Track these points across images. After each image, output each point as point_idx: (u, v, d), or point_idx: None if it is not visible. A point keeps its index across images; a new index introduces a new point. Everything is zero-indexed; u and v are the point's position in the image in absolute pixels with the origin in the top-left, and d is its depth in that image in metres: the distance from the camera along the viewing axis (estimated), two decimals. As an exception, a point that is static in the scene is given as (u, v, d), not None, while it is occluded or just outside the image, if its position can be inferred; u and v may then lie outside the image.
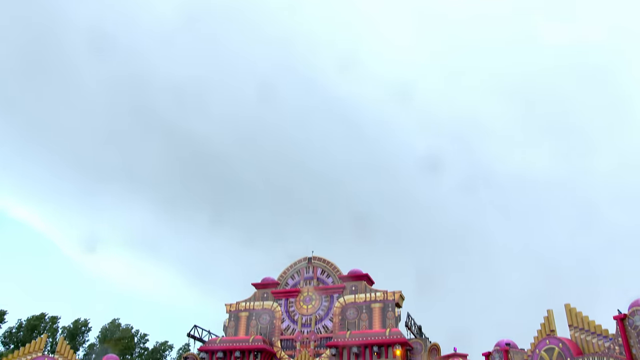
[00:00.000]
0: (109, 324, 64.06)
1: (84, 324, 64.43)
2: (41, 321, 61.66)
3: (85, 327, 64.22)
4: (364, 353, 35.57)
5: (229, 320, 41.45)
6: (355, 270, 40.34)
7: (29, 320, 61.48)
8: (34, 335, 58.59)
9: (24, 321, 61.66)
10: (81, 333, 63.47)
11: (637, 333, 23.68)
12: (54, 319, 63.08)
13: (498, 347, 30.67)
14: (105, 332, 62.91)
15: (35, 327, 58.71)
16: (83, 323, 64.63)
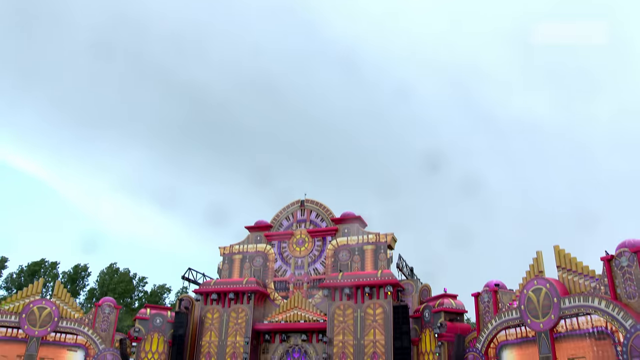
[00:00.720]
0: (107, 269, 64.93)
1: (83, 269, 65.35)
2: (41, 266, 62.48)
3: (84, 272, 65.15)
4: (356, 294, 35.97)
5: (223, 263, 41.79)
6: (348, 212, 40.31)
7: (29, 265, 62.33)
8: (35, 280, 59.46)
9: (25, 267, 62.51)
10: (81, 278, 64.46)
11: (623, 273, 23.81)
12: (53, 264, 63.95)
13: (487, 288, 31.03)
14: (104, 277, 63.83)
15: (36, 272, 59.59)
16: (83, 268, 65.54)
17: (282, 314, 38.03)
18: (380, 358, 33.83)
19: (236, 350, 37.09)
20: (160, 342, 37.94)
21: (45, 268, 62.47)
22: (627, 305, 23.14)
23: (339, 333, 35.47)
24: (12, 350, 36.28)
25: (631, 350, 21.86)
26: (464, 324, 32.12)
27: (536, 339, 26.53)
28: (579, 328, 25.32)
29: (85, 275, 65.10)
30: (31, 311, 36.91)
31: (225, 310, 38.63)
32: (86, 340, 37.65)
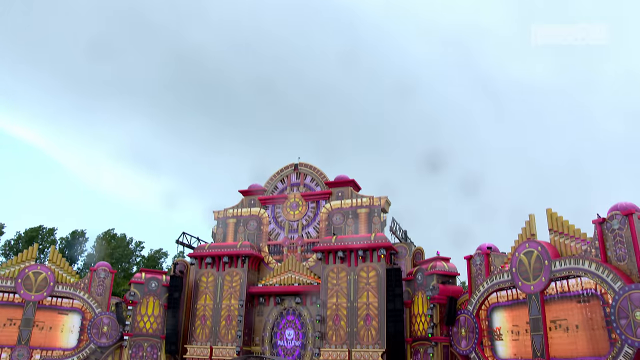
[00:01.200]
0: (104, 234, 65.10)
1: (80, 235, 65.41)
2: (38, 233, 62.51)
3: (82, 238, 65.27)
4: (349, 257, 36.11)
5: (217, 227, 41.86)
6: (342, 176, 40.13)
7: (27, 232, 62.34)
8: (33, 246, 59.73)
9: (22, 233, 62.56)
10: (79, 244, 64.65)
11: (614, 236, 23.79)
12: (51, 230, 63.95)
13: (479, 251, 31.10)
14: (101, 242, 64.06)
15: (33, 238, 59.55)
16: (80, 234, 65.59)
17: (276, 277, 38.28)
18: (374, 320, 34.20)
19: (231, 313, 37.47)
20: (156, 305, 38.30)
21: (43, 234, 62.55)
22: (617, 267, 23.20)
23: (332, 296, 35.76)
24: (9, 315, 36.62)
25: (619, 312, 22.00)
26: (456, 287, 32.36)
27: (527, 301, 26.73)
28: (569, 290, 25.45)
29: (82, 241, 65.30)
30: (27, 276, 37.10)
31: (219, 274, 38.87)
32: (82, 305, 37.97)
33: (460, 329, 30.11)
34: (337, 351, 34.22)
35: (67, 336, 37.50)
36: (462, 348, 29.75)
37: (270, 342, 37.63)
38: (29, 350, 35.97)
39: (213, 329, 37.48)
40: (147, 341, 37.42)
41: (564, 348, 25.06)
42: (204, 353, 36.94)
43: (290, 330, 37.53)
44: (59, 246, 63.86)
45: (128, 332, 36.99)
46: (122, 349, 37.01)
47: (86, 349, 36.88)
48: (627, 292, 21.95)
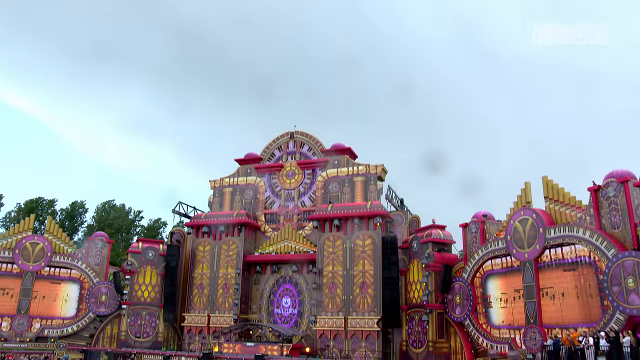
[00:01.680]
0: (104, 204, 65.05)
1: (80, 206, 65.32)
2: (38, 204, 62.41)
3: (82, 209, 65.19)
4: (345, 225, 36.05)
5: (213, 196, 41.74)
6: (338, 144, 39.74)
7: (27, 203, 62.24)
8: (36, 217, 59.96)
9: (22, 205, 62.45)
10: (78, 215, 64.60)
11: (609, 204, 23.59)
12: (50, 202, 63.84)
13: (475, 219, 30.97)
14: (101, 213, 64.04)
15: (33, 209, 59.48)
16: (80, 205, 65.50)
17: (272, 245, 38.35)
18: (369, 288, 34.34)
19: (228, 282, 37.68)
20: (154, 274, 38.53)
21: (43, 205, 62.48)
22: (611, 235, 23.05)
23: (328, 264, 35.85)
24: (8, 285, 36.91)
25: (611, 279, 21.94)
26: (451, 254, 32.33)
27: (521, 268, 26.71)
28: (563, 258, 25.40)
29: (82, 212, 65.25)
30: (24, 247, 37.23)
31: (216, 243, 38.93)
32: (80, 274, 38.21)
33: (455, 297, 30.21)
34: (333, 318, 34.47)
35: (66, 305, 37.90)
36: (457, 315, 29.90)
37: (267, 310, 37.93)
38: (28, 319, 36.34)
39: (210, 298, 37.75)
40: (146, 310, 37.78)
41: (556, 315, 25.14)
42: (201, 321, 37.29)
43: (286, 298, 37.79)
44: (59, 217, 63.91)
45: (126, 301, 37.32)
46: (120, 317, 37.41)
47: (85, 318, 37.28)
48: (620, 260, 21.85)
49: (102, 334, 37.38)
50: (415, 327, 32.28)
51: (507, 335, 27.49)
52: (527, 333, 25.50)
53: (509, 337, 27.26)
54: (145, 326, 37.49)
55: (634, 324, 21.20)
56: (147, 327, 37.49)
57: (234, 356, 32.71)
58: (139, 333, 37.13)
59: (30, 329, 36.20)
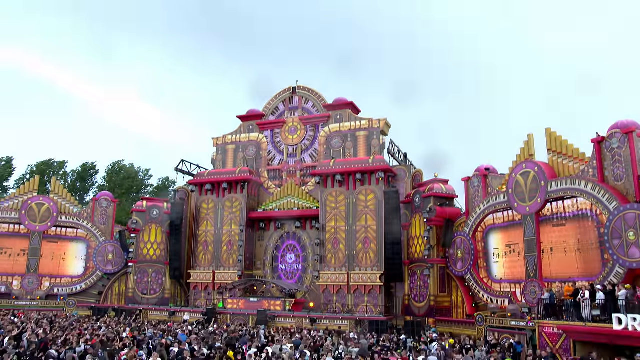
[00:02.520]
0: (113, 164, 65.20)
1: (91, 167, 65.51)
2: (49, 166, 62.68)
3: (92, 170, 65.41)
4: (348, 181, 35.70)
5: (216, 154, 41.49)
6: (340, 98, 38.94)
7: (38, 165, 62.56)
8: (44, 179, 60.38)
9: (34, 167, 62.77)
10: (89, 176, 64.87)
11: (612, 155, 22.86)
12: (61, 163, 64.04)
13: (477, 172, 30.39)
14: (111, 173, 64.25)
15: (44, 171, 59.83)
16: (90, 166, 65.68)
17: (275, 202, 38.26)
18: (372, 243, 34.26)
19: (232, 239, 37.85)
20: (159, 232, 38.81)
21: (53, 167, 62.78)
22: (613, 188, 22.41)
23: (331, 219, 35.72)
24: (17, 245, 37.50)
25: (612, 232, 21.44)
26: (453, 209, 31.93)
27: (522, 222, 26.27)
28: (564, 211, 24.90)
29: (93, 173, 65.51)
30: (30, 207, 37.60)
31: (219, 200, 38.94)
32: (87, 234, 38.66)
33: (457, 251, 29.98)
34: (336, 274, 34.60)
35: (74, 264, 38.56)
36: (458, 269, 29.76)
37: (271, 266, 38.19)
38: (38, 278, 37.07)
39: (215, 255, 38.05)
40: (152, 267, 38.27)
41: (556, 269, 24.84)
42: (206, 278, 37.71)
43: (290, 254, 37.95)
44: (71, 179, 64.33)
45: (132, 259, 37.79)
46: (127, 275, 37.98)
47: (93, 276, 37.93)
48: (622, 212, 21.27)
49: (110, 291, 38.09)
50: (417, 282, 32.29)
51: (508, 289, 27.34)
52: (527, 287, 25.30)
53: (509, 291, 27.13)
54: (152, 283, 38.07)
55: (634, 277, 20.86)
56: (153, 284, 38.07)
57: (238, 311, 33.17)
58: (146, 290, 37.75)
59: (40, 287, 37.02)
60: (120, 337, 21.16)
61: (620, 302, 17.88)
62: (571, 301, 19.52)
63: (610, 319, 17.48)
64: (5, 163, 61.23)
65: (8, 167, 60.76)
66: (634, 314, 16.92)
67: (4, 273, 36.89)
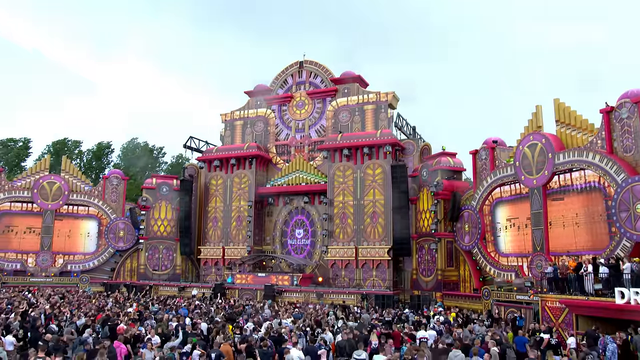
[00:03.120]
0: (128, 143, 65.55)
1: (106, 147, 65.91)
2: (65, 145, 63.19)
3: (108, 149, 65.81)
4: (355, 155, 35.44)
5: (225, 130, 41.43)
6: (348, 72, 38.39)
7: (53, 144, 63.17)
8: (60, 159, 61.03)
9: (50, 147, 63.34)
10: (105, 155, 65.28)
11: (622, 126, 22.19)
12: (76, 142, 64.55)
13: (485, 145, 29.85)
14: (125, 152, 64.60)
15: (60, 150, 60.42)
16: (106, 145, 66.08)
17: (284, 177, 38.16)
18: (380, 217, 34.11)
19: (241, 214, 37.99)
20: (169, 209, 39.09)
21: (69, 147, 63.30)
22: (622, 159, 21.79)
23: (339, 194, 35.59)
24: (30, 223, 38.10)
25: (620, 205, 20.93)
26: (461, 182, 31.55)
27: (529, 195, 25.82)
28: (572, 184, 24.37)
29: (109, 152, 65.92)
30: (41, 186, 38.05)
31: (228, 176, 39.01)
32: (98, 211, 39.10)
33: (464, 225, 29.67)
34: (345, 248, 34.61)
35: (87, 241, 39.11)
36: (465, 243, 29.49)
37: (280, 241, 38.31)
38: (52, 255, 37.73)
39: (224, 230, 38.27)
40: (163, 244, 38.65)
41: (563, 242, 24.43)
42: (216, 253, 38.03)
43: (299, 229, 38.00)
44: (86, 158, 64.81)
45: (143, 236, 38.17)
46: (139, 252, 38.41)
47: (105, 253, 38.44)
48: (630, 184, 20.70)
49: (123, 267, 38.63)
50: (424, 256, 32.13)
51: (515, 263, 27.03)
52: (534, 260, 24.97)
53: (516, 265, 26.82)
54: (163, 259, 38.50)
55: (642, 251, 20.41)
56: (164, 260, 38.50)
57: (246, 286, 33.44)
58: (157, 266, 38.22)
59: (54, 264, 37.69)
60: (126, 312, 21.49)
61: (625, 275, 17.52)
62: (574, 275, 19.19)
63: (613, 293, 17.16)
64: (22, 144, 61.98)
65: (25, 148, 61.48)
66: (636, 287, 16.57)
67: (19, 251, 37.59)
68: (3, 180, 37.94)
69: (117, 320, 18.37)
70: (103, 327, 17.24)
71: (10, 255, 37.32)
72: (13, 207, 37.96)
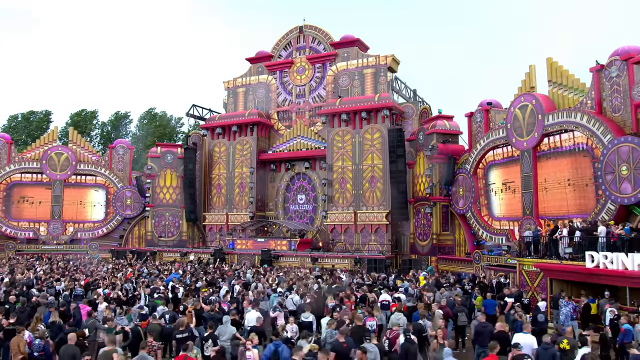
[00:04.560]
0: (145, 113, 66.12)
1: (124, 116, 66.64)
2: (82, 117, 64.18)
3: (126, 119, 66.56)
4: (354, 119, 35.21)
5: (227, 97, 41.52)
6: (347, 36, 37.80)
7: (72, 117, 64.26)
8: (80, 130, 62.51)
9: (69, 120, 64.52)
10: (123, 125, 66.09)
11: (611, 85, 21.53)
12: (92, 113, 65.42)
13: (480, 107, 29.31)
14: (143, 122, 65.29)
15: (78, 122, 61.51)
16: (123, 115, 66.82)
17: (285, 143, 38.25)
18: (378, 182, 34.07)
19: (243, 181, 38.41)
20: (173, 177, 39.71)
21: (86, 117, 64.26)
22: (611, 120, 21.19)
23: (338, 159, 35.57)
24: (40, 193, 39.31)
25: (606, 167, 20.43)
26: (457, 146, 31.03)
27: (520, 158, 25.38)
28: (561, 146, 23.84)
29: (127, 122, 66.71)
30: (50, 157, 39.04)
31: (231, 143, 39.32)
32: (105, 180, 40.03)
33: (459, 189, 29.42)
34: (344, 213, 34.79)
35: (95, 210, 40.24)
36: (460, 207, 29.29)
37: (283, 206, 38.69)
38: (62, 223, 38.97)
39: (228, 197, 38.82)
40: (169, 211, 39.44)
41: (552, 205, 24.08)
42: (220, 219, 38.70)
43: (301, 194, 38.26)
44: (106, 129, 65.76)
45: (149, 204, 39.01)
46: (146, 219, 39.32)
47: (113, 221, 39.51)
48: (616, 146, 20.15)
49: (131, 234, 39.69)
50: (421, 220, 32.08)
51: (507, 227, 26.79)
52: (523, 224, 24.69)
53: (507, 228, 26.58)
54: (170, 226, 39.35)
55: (628, 214, 19.99)
56: (171, 227, 39.35)
57: (245, 251, 34.07)
58: (164, 233, 39.11)
59: (65, 232, 38.99)
60: (115, 276, 22.34)
61: (601, 239, 17.23)
62: (550, 239, 18.97)
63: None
64: (43, 116, 63.34)
65: (46, 121, 62.78)
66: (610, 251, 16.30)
67: (31, 219, 38.94)
68: (13, 152, 39.08)
69: (100, 284, 19.19)
70: (86, 291, 18.05)
71: (23, 224, 38.72)
72: (24, 178, 39.20)
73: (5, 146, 38.67)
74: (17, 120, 63.16)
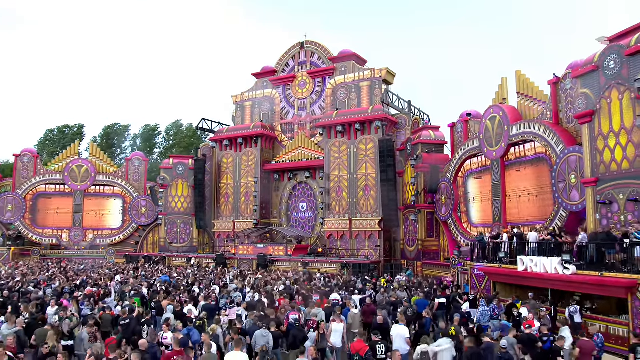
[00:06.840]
0: (172, 125, 69.43)
1: (153, 129, 70.13)
2: (114, 130, 68.13)
3: (154, 132, 70.02)
4: (349, 131, 36.88)
5: (236, 111, 43.88)
6: (345, 50, 39.59)
7: (105, 129, 68.34)
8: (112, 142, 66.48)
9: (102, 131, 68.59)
10: (152, 137, 69.60)
11: (566, 97, 22.57)
12: (125, 127, 69.31)
13: (460, 118, 30.57)
14: (170, 133, 68.67)
15: (110, 135, 65.47)
16: (153, 128, 70.32)
17: (288, 154, 40.26)
18: (372, 190, 35.60)
19: (249, 190, 40.59)
20: (185, 187, 42.25)
21: (119, 131, 68.13)
22: (566, 130, 22.27)
23: (335, 168, 37.31)
24: (63, 202, 42.54)
25: (558, 175, 21.53)
26: (441, 155, 32.32)
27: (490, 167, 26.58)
28: (525, 155, 24.98)
29: (156, 134, 70.19)
30: (71, 169, 42.25)
31: (237, 155, 41.60)
32: (122, 190, 42.95)
33: (442, 196, 30.72)
34: (340, 220, 36.46)
35: (113, 218, 43.15)
36: (442, 214, 30.58)
37: (286, 214, 40.67)
38: (83, 230, 42.06)
39: (235, 205, 41.08)
40: (180, 218, 41.99)
41: (519, 212, 25.19)
42: (228, 227, 40.97)
43: (303, 202, 40.15)
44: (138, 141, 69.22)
45: (162, 212, 41.67)
46: (159, 226, 41.99)
47: (129, 228, 42.36)
48: (566, 155, 21.27)
49: (146, 241, 42.46)
50: (409, 227, 33.46)
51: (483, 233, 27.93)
52: (493, 230, 25.85)
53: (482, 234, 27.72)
54: (181, 233, 41.89)
55: (579, 221, 21.02)
56: (182, 233, 41.88)
57: (244, 256, 36.20)
58: (176, 239, 41.67)
59: (85, 239, 42.06)
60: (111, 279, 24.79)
61: (532, 245, 18.49)
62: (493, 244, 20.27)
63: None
64: (77, 130, 67.45)
65: (79, 134, 66.84)
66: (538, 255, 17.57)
67: (55, 227, 42.22)
68: (39, 165, 42.52)
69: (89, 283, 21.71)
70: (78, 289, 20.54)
71: (47, 232, 42.03)
72: (48, 189, 42.54)
73: (32, 160, 42.18)
74: (53, 133, 67.49)
